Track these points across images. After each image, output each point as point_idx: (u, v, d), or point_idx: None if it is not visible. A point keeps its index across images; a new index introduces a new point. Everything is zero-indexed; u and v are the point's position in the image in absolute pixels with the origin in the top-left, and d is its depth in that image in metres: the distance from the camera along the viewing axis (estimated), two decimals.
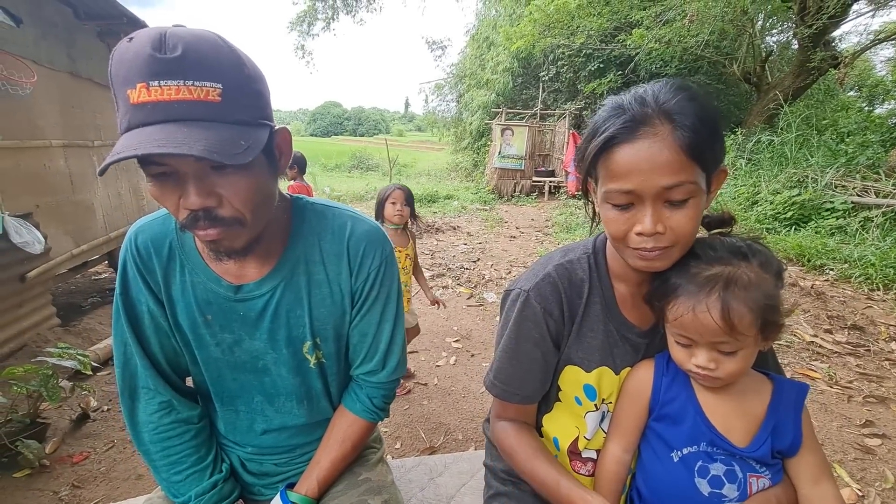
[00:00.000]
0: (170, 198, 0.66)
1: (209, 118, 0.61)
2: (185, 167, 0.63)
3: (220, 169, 0.65)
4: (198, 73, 0.59)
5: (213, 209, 0.66)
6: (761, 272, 0.65)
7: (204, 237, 0.69)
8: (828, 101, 8.99)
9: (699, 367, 0.68)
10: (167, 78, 0.58)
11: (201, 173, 0.64)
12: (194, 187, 0.64)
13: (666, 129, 0.62)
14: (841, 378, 2.64)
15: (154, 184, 0.65)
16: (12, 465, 1.98)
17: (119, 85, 0.60)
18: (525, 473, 0.81)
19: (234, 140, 0.61)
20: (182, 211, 0.66)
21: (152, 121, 0.59)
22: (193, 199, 0.64)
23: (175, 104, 0.59)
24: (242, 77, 0.64)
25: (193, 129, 0.59)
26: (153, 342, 0.84)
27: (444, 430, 2.34)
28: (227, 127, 0.62)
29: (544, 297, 0.78)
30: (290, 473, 0.94)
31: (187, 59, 0.59)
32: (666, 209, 0.64)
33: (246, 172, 0.67)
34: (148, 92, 0.58)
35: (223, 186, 0.66)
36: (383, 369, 0.92)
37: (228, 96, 0.62)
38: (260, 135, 0.66)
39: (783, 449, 0.70)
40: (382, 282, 0.88)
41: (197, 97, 0.59)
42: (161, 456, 0.85)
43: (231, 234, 0.69)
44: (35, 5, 3.19)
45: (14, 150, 2.87)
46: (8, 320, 2.75)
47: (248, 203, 0.68)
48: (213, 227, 0.67)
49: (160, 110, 0.59)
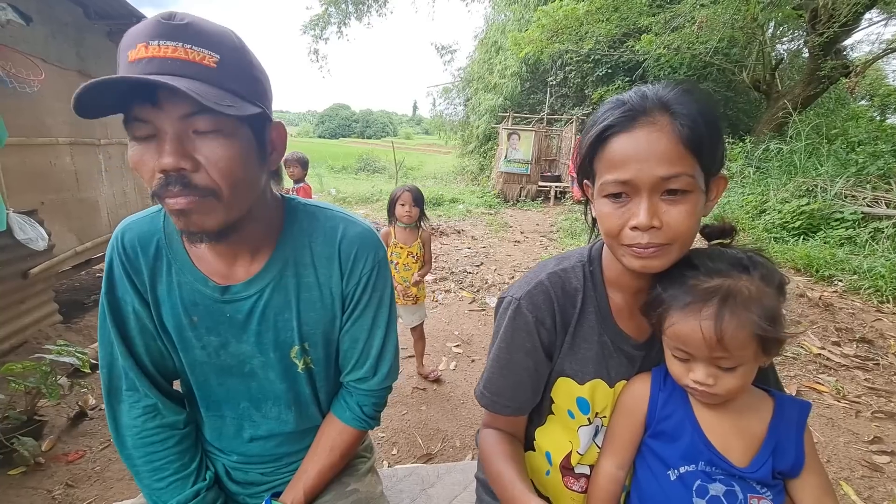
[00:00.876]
0: (148, 163, 0.64)
1: (201, 78, 0.61)
2: (167, 126, 0.62)
3: (205, 134, 0.63)
4: (198, 40, 0.61)
5: (187, 173, 0.63)
6: (762, 285, 0.63)
7: (173, 205, 0.64)
8: (838, 110, 8.88)
9: (697, 382, 0.65)
10: (167, 39, 0.59)
11: (182, 134, 0.63)
12: (171, 146, 0.62)
13: (664, 120, 0.61)
14: (849, 392, 2.58)
15: (135, 148, 0.64)
16: (7, 462, 1.97)
17: (121, 52, 0.61)
18: (490, 476, 0.78)
19: (222, 96, 0.61)
20: (156, 176, 0.64)
21: (144, 73, 0.59)
22: (167, 159, 0.61)
23: (169, 60, 0.59)
24: (243, 59, 0.65)
25: (183, 81, 0.59)
26: (139, 344, 0.82)
27: (442, 436, 2.31)
28: (218, 89, 0.62)
29: (536, 305, 0.75)
30: (277, 483, 0.92)
31: (190, 28, 0.61)
32: (662, 204, 0.62)
33: (228, 141, 0.65)
34: (146, 49, 0.59)
35: (202, 151, 0.64)
36: (374, 376, 0.89)
37: (224, 66, 0.63)
38: (250, 108, 0.65)
39: (784, 469, 0.67)
40: (375, 286, 0.86)
41: (192, 59, 0.60)
42: (144, 462, 0.83)
43: (203, 207, 0.65)
44: (46, 4, 3.23)
45: (20, 146, 2.89)
46: (9, 316, 2.76)
47: (226, 174, 0.65)
48: (183, 194, 0.63)
49: (154, 64, 0.59)
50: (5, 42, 2.78)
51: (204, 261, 0.79)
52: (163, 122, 0.62)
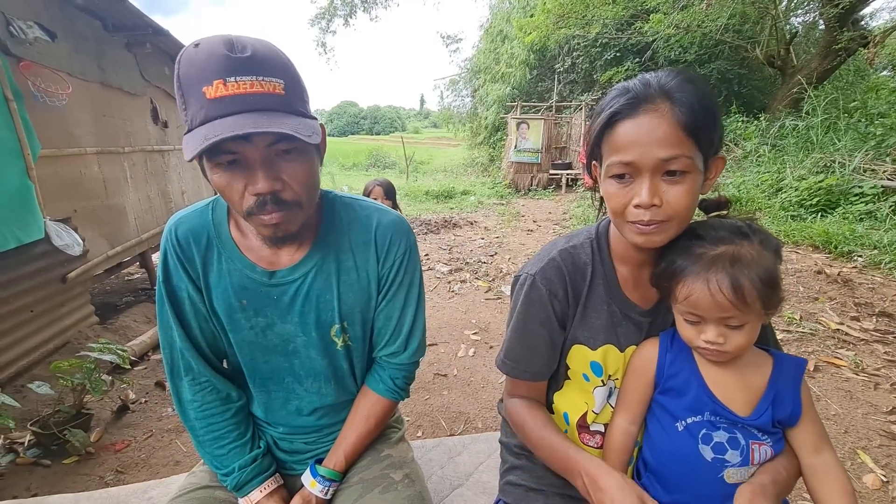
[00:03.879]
0: (236, 186, 0.73)
1: (279, 108, 0.70)
2: (254, 154, 0.71)
3: (285, 155, 0.73)
4: (265, 70, 0.68)
5: (279, 193, 0.74)
6: (762, 249, 0.69)
7: (269, 221, 0.75)
8: (857, 82, 8.63)
9: (709, 342, 0.72)
10: (241, 74, 0.66)
11: (268, 160, 0.72)
12: (263, 172, 0.72)
13: (665, 107, 0.67)
14: (868, 366, 2.58)
15: (220, 174, 0.73)
16: (61, 452, 2.12)
17: (192, 84, 0.68)
18: (534, 444, 0.86)
19: (304, 125, 0.70)
20: (248, 198, 0.74)
21: (230, 112, 0.67)
22: (263, 183, 0.72)
23: (250, 96, 0.67)
24: (295, 75, 0.74)
25: (271, 115, 0.68)
26: (194, 326, 0.92)
27: (464, 419, 2.40)
28: (292, 116, 0.71)
29: (549, 280, 0.82)
30: (319, 451, 1.01)
31: (256, 58, 0.68)
32: (663, 184, 0.68)
33: (304, 158, 0.76)
34: (225, 87, 0.66)
35: (285, 171, 0.74)
36: (405, 351, 0.98)
37: (289, 90, 0.71)
38: (316, 124, 0.75)
39: (783, 418, 0.73)
40: (407, 268, 0.95)
41: (267, 90, 0.68)
42: (206, 431, 0.93)
43: (290, 217, 0.77)
44: (68, 20, 3.36)
45: (52, 158, 3.04)
46: (51, 319, 2.93)
47: (305, 187, 0.77)
48: (278, 210, 0.75)
49: (238, 102, 0.67)
50: (33, 58, 2.92)
51: (251, 250, 0.88)
52: (250, 151, 0.71)
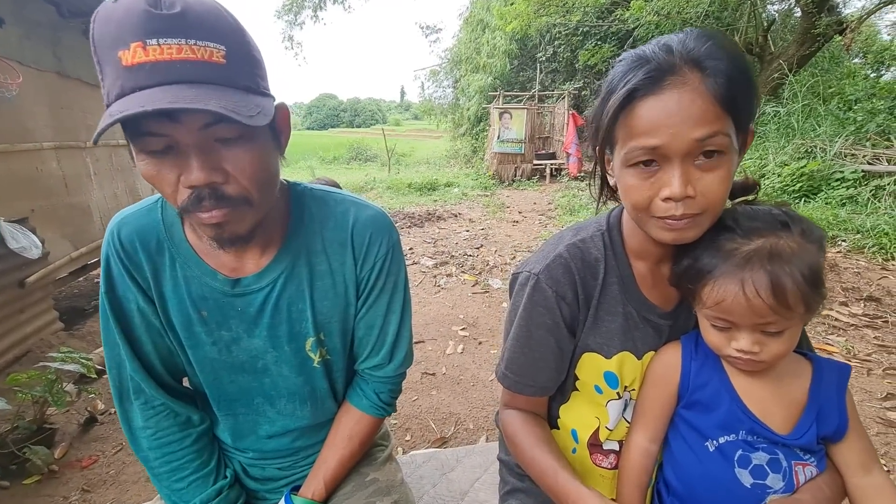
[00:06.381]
0: (167, 177, 0.59)
1: (214, 81, 0.55)
2: (186, 138, 0.57)
3: (226, 141, 0.59)
4: (200, 32, 0.53)
5: (219, 186, 0.60)
6: (804, 242, 0.59)
7: (208, 220, 0.62)
8: (833, 68, 8.75)
9: (741, 351, 0.61)
10: (166, 36, 0.52)
11: (205, 146, 0.58)
12: (198, 161, 0.58)
13: (696, 78, 0.56)
14: (859, 351, 2.57)
15: (149, 162, 0.59)
16: (21, 472, 1.96)
17: (106, 48, 0.53)
18: (525, 463, 0.76)
19: (246, 103, 0.56)
20: (182, 191, 0.60)
21: (151, 83, 0.52)
22: (198, 174, 0.58)
23: (177, 64, 0.52)
24: (242, 42, 0.59)
25: (202, 89, 0.53)
26: (146, 342, 0.78)
27: (455, 419, 2.31)
28: (233, 90, 0.56)
29: (556, 280, 0.71)
30: (295, 476, 0.90)
31: (188, 16, 0.53)
32: (695, 171, 0.58)
33: (252, 145, 0.61)
34: (145, 52, 0.51)
35: (229, 160, 0.60)
36: (390, 362, 0.86)
37: (232, 60, 0.56)
38: (267, 103, 0.61)
39: (828, 434, 0.64)
40: (389, 270, 0.82)
41: (200, 57, 0.54)
42: (161, 462, 0.80)
43: (237, 216, 0.63)
44: (17, 4, 3.10)
45: (4, 153, 2.81)
46: (10, 327, 2.73)
47: (254, 179, 0.62)
48: (218, 207, 0.61)
49: (160, 71, 0.52)
50: None
51: (210, 254, 0.75)
52: (182, 134, 0.57)
